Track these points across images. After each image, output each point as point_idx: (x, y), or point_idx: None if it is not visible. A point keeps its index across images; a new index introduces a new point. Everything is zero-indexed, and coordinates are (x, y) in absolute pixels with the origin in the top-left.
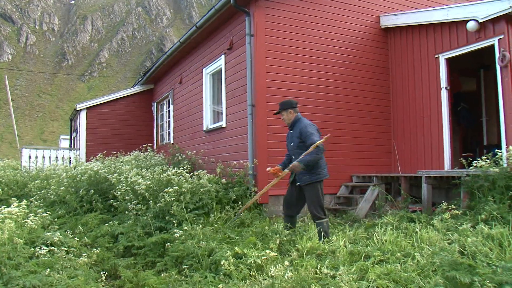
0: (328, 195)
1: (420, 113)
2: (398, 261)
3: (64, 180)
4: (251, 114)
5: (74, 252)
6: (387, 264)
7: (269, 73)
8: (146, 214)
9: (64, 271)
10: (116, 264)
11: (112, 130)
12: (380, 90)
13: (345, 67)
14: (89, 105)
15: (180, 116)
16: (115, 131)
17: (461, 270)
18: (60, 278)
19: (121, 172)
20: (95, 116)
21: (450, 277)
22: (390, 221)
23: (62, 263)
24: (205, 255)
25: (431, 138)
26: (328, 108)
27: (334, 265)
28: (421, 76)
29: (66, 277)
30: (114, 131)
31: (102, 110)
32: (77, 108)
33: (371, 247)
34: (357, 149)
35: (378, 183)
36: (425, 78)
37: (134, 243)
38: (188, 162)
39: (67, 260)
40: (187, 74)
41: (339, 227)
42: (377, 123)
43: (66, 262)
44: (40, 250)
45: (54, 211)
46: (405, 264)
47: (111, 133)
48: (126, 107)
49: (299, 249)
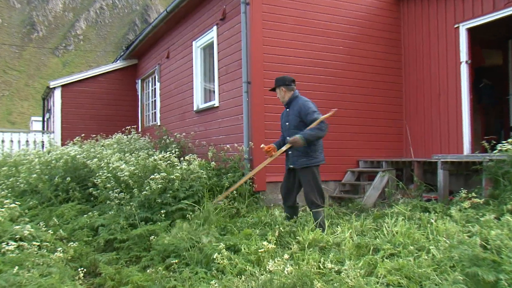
0: (332, 182)
1: (436, 91)
2: (410, 255)
3: (37, 166)
4: (246, 92)
5: (48, 247)
6: (398, 258)
7: (266, 46)
8: (130, 204)
9: (36, 269)
10: (96, 260)
11: (91, 110)
12: (391, 66)
13: (351, 40)
14: (64, 82)
15: (167, 95)
16: (94, 111)
17: (484, 267)
18: (31, 277)
19: (102, 157)
20: (72, 95)
21: (471, 274)
22: (401, 211)
23: (33, 260)
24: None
25: (448, 118)
26: (333, 86)
27: (339, 259)
28: (438, 49)
29: (38, 276)
30: (94, 111)
31: (80, 88)
32: (51, 85)
33: (380, 239)
34: (365, 131)
35: (388, 169)
36: (443, 51)
37: (117, 236)
38: (177, 146)
39: (39, 257)
40: (175, 48)
41: (344, 217)
42: (388, 102)
43: (38, 259)
44: (7, 245)
45: (24, 201)
46: (419, 259)
47: (90, 114)
48: (107, 85)
49: (300, 241)
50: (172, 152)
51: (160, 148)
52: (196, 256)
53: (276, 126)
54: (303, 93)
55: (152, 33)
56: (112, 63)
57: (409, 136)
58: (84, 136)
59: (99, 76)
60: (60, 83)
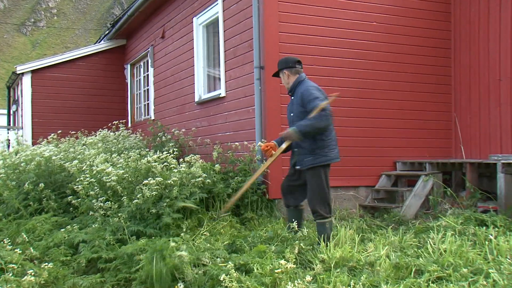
0: (364, 188)
1: (496, 76)
2: (464, 280)
3: (1, 170)
4: (259, 79)
5: (14, 270)
6: (448, 283)
7: (283, 23)
8: (118, 215)
9: None
10: (75, 284)
11: (69, 101)
12: (438, 45)
13: (387, 13)
14: (35, 67)
15: (163, 83)
16: (73, 103)
17: None
18: None
19: (84, 158)
20: (45, 83)
21: None
22: (450, 224)
23: None
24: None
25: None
26: (364, 71)
27: (373, 282)
28: (500, 20)
29: None
30: (72, 103)
31: (54, 75)
32: (18, 71)
33: (424, 258)
34: (404, 126)
35: (433, 172)
36: (506, 23)
37: (102, 255)
38: (175, 145)
39: (2, 282)
40: (172, 25)
41: (379, 231)
42: (432, 90)
43: (2, 285)
44: None
45: None
46: (475, 285)
47: (67, 105)
48: (88, 71)
49: (324, 260)
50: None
51: (155, 147)
52: (198, 279)
53: None
54: (328, 80)
55: (143, 7)
56: (95, 44)
57: (460, 132)
58: (61, 133)
59: (79, 59)
60: (29, 68)
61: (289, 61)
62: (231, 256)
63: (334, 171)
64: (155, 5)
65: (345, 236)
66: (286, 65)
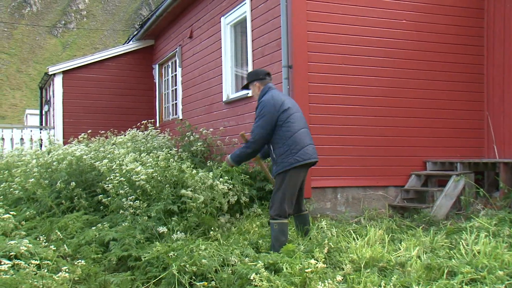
0: (393, 188)
1: None
2: (500, 282)
3: (34, 169)
4: (287, 78)
5: (49, 266)
6: (483, 285)
7: (311, 22)
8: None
9: None
10: (107, 282)
11: (98, 101)
12: (470, 42)
13: (417, 11)
14: (66, 67)
15: (191, 83)
16: (102, 103)
17: None
18: None
19: (113, 157)
20: (75, 83)
21: None
22: (484, 225)
23: (32, 282)
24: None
25: None
26: (393, 70)
27: (404, 283)
28: None
29: None
30: (102, 103)
31: (85, 75)
32: (50, 72)
33: (456, 260)
34: (434, 125)
35: (465, 172)
36: None
37: (132, 253)
38: (203, 144)
39: (38, 278)
40: (200, 25)
41: (408, 231)
42: (463, 87)
43: (38, 281)
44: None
45: (19, 211)
46: None
47: (97, 105)
48: (117, 71)
49: (354, 260)
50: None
51: (183, 147)
52: (227, 278)
53: (323, 120)
54: (356, 79)
55: (171, 7)
56: (123, 44)
57: (492, 131)
58: (91, 132)
59: (108, 60)
60: (61, 68)
61: (259, 73)
62: (259, 255)
63: (362, 170)
64: (183, 6)
65: (374, 236)
66: (256, 77)
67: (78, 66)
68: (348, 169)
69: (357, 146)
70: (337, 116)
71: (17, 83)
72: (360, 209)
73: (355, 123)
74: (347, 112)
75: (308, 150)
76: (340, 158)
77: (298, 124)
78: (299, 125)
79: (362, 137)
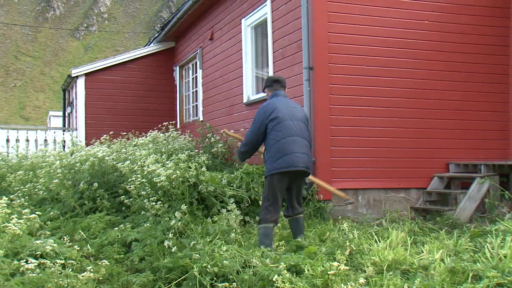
0: (415, 190)
1: None
2: None
3: (58, 170)
4: (308, 80)
5: (73, 266)
6: None
7: (332, 24)
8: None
9: None
10: (129, 282)
11: (120, 103)
12: (494, 42)
13: (440, 11)
14: (88, 70)
15: (211, 85)
16: (124, 104)
17: None
18: None
19: (135, 159)
20: (98, 85)
21: None
22: (510, 229)
23: (57, 281)
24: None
25: None
26: (416, 71)
27: (428, 286)
28: None
29: None
30: (123, 104)
31: (106, 77)
32: (73, 74)
33: (481, 263)
34: (457, 127)
35: (489, 174)
36: None
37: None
38: (223, 146)
39: (63, 277)
40: (220, 27)
41: (431, 234)
42: (488, 89)
43: (63, 280)
44: (26, 263)
45: (44, 211)
46: None
47: (119, 107)
48: (139, 73)
49: (376, 262)
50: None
51: (204, 148)
52: (248, 279)
53: (344, 121)
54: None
55: (192, 9)
56: (144, 46)
57: None
58: (113, 134)
59: (129, 62)
60: (83, 71)
61: (268, 80)
62: (280, 257)
63: (383, 172)
64: (204, 8)
65: (396, 238)
66: (266, 84)
67: (100, 68)
68: (369, 171)
69: (378, 148)
70: (358, 117)
71: (40, 85)
72: (381, 211)
73: (377, 125)
74: (368, 113)
75: (290, 158)
76: (361, 159)
77: (285, 132)
78: (286, 133)
79: (383, 139)
